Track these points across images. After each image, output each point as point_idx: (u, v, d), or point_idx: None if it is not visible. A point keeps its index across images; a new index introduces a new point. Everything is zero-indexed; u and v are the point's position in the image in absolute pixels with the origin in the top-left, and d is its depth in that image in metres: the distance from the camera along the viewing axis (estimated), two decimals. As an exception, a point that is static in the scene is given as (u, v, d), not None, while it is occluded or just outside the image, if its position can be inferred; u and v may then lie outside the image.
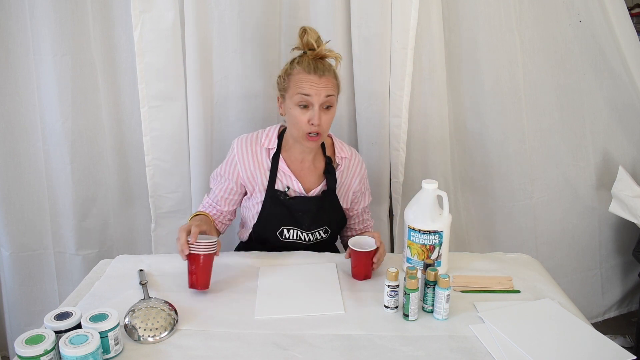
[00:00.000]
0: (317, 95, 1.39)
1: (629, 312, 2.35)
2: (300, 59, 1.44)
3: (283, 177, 1.51)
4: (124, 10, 1.72)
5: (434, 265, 1.24)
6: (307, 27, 1.44)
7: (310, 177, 1.54)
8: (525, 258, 1.50)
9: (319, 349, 1.08)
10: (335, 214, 1.57)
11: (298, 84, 1.40)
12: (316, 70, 1.40)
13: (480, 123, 1.99)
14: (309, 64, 1.41)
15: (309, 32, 1.43)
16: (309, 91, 1.39)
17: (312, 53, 1.43)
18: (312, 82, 1.39)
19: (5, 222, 1.87)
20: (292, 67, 1.44)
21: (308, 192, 1.53)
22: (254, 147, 1.51)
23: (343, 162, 1.57)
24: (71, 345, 0.95)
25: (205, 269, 1.26)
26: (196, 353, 1.07)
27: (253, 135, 1.53)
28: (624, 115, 2.08)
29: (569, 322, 1.16)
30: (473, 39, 1.89)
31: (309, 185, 1.53)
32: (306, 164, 1.53)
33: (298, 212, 1.51)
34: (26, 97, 1.79)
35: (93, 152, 1.86)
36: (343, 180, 1.58)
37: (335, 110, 1.46)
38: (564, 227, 2.16)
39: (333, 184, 1.54)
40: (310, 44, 1.43)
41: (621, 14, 1.92)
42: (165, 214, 1.90)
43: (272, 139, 1.52)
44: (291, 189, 1.51)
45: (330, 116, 1.44)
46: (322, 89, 1.39)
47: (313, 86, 1.39)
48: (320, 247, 1.57)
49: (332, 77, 1.43)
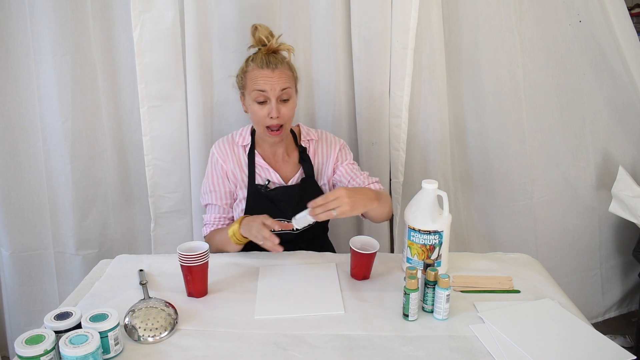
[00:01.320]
0: (272, 89, 1.43)
1: (629, 312, 2.35)
2: (255, 55, 1.48)
3: (261, 171, 1.55)
4: (124, 10, 1.72)
5: (434, 265, 1.24)
6: (258, 24, 1.48)
7: (287, 168, 1.58)
8: (525, 258, 1.50)
9: (319, 349, 1.08)
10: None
11: (253, 80, 1.44)
12: (269, 64, 1.43)
13: (480, 123, 1.99)
14: (261, 59, 1.44)
15: (259, 29, 1.47)
16: (264, 86, 1.43)
17: (264, 48, 1.47)
18: (266, 76, 1.43)
19: (5, 222, 1.87)
20: (247, 64, 1.48)
21: (287, 182, 1.56)
22: (231, 146, 1.57)
23: (311, 144, 1.60)
24: (71, 345, 0.95)
25: (200, 279, 1.26)
26: (196, 353, 1.07)
27: (228, 137, 1.59)
28: (624, 115, 2.08)
29: (569, 322, 1.16)
30: (473, 39, 1.89)
31: (287, 174, 1.57)
32: (280, 156, 1.57)
33: (281, 202, 1.53)
34: (26, 97, 1.79)
35: (93, 152, 1.86)
36: (319, 161, 1.60)
37: (294, 102, 1.50)
38: (564, 227, 2.16)
39: (310, 170, 1.57)
40: (262, 40, 1.47)
41: (621, 14, 1.92)
42: (164, 214, 1.90)
43: (246, 136, 1.57)
44: (271, 182, 1.54)
45: (290, 107, 1.47)
46: (276, 82, 1.43)
47: (267, 81, 1.42)
48: (310, 237, 1.57)
49: (286, 69, 1.46)
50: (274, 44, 1.47)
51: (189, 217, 1.92)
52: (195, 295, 1.27)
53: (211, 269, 1.29)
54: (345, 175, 1.60)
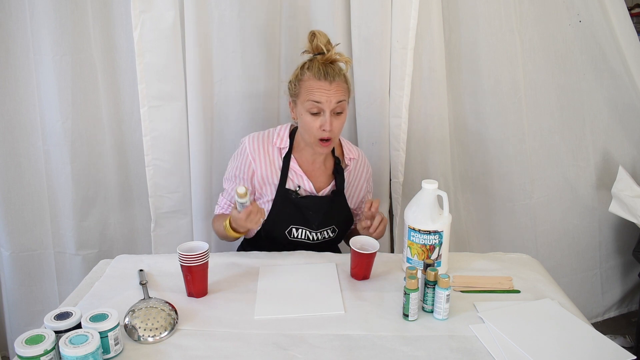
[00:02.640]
0: (328, 102, 1.39)
1: (629, 312, 2.35)
2: (310, 63, 1.43)
3: (294, 177, 1.52)
4: (124, 10, 1.72)
5: (434, 265, 1.24)
6: (317, 31, 1.43)
7: (321, 177, 1.55)
8: (525, 258, 1.50)
9: (319, 349, 1.08)
10: (343, 214, 1.58)
11: (309, 91, 1.40)
12: (326, 76, 1.39)
13: (480, 123, 1.99)
14: (319, 69, 1.40)
15: (318, 36, 1.42)
16: (320, 98, 1.39)
17: (321, 57, 1.42)
18: (322, 88, 1.39)
19: (5, 222, 1.87)
20: (303, 72, 1.43)
21: (319, 192, 1.54)
22: (265, 145, 1.53)
23: (351, 163, 1.59)
24: (71, 345, 0.95)
25: (200, 279, 1.26)
26: (196, 353, 1.07)
27: (264, 134, 1.54)
28: (624, 115, 2.09)
29: (569, 322, 1.16)
30: (473, 39, 1.89)
31: (320, 185, 1.55)
32: (317, 165, 1.55)
33: (309, 211, 1.51)
34: (26, 97, 1.79)
35: (93, 152, 1.86)
36: (351, 181, 1.59)
37: (346, 115, 1.46)
38: (564, 227, 2.16)
39: (341, 185, 1.55)
40: (320, 48, 1.42)
41: (621, 14, 1.92)
42: (165, 214, 1.89)
43: (284, 138, 1.53)
44: (302, 188, 1.52)
45: (342, 121, 1.45)
46: (333, 95, 1.39)
47: (324, 93, 1.39)
48: (324, 247, 1.57)
49: (343, 82, 1.43)
50: (333, 54, 1.43)
51: (189, 217, 1.92)
52: (195, 295, 1.27)
53: (211, 269, 1.29)
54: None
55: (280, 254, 1.50)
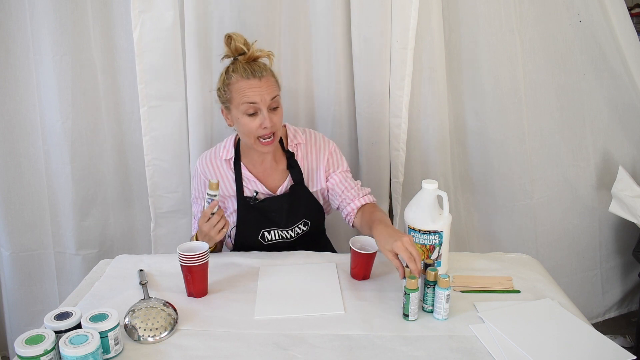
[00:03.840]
0: (263, 100, 1.38)
1: (629, 312, 2.35)
2: (234, 66, 1.41)
3: (248, 183, 1.53)
4: (124, 10, 1.72)
5: (434, 265, 1.24)
6: (232, 33, 1.42)
7: (275, 176, 1.55)
8: (525, 258, 1.49)
9: (319, 349, 1.08)
10: (310, 205, 1.56)
11: (240, 93, 1.38)
12: (254, 73, 1.38)
13: (480, 123, 1.99)
14: (245, 69, 1.39)
15: (234, 38, 1.41)
16: (254, 98, 1.38)
17: (243, 57, 1.41)
18: (254, 87, 1.37)
19: (5, 222, 1.87)
20: (229, 76, 1.41)
21: (275, 191, 1.54)
22: (214, 161, 1.54)
23: (299, 149, 1.55)
24: (71, 345, 0.95)
25: (200, 279, 1.27)
26: (196, 353, 1.07)
27: (212, 151, 1.56)
28: (624, 115, 2.08)
29: (569, 322, 1.16)
30: (473, 39, 1.89)
31: (275, 184, 1.54)
32: (268, 164, 1.54)
33: (271, 213, 1.51)
34: (26, 97, 1.79)
35: (93, 152, 1.86)
36: (308, 166, 1.55)
37: (282, 108, 1.45)
38: (564, 227, 2.16)
39: (299, 176, 1.53)
40: (240, 48, 1.41)
41: (621, 14, 1.92)
42: (164, 213, 1.90)
43: (229, 149, 1.54)
44: (259, 192, 1.52)
45: (279, 115, 1.43)
46: (266, 91, 1.38)
47: (256, 91, 1.37)
48: (307, 240, 1.56)
49: (271, 76, 1.42)
50: (255, 51, 1.41)
51: (189, 217, 1.92)
52: (195, 295, 1.27)
53: (211, 269, 1.29)
54: (339, 185, 1.54)
55: (280, 253, 1.50)
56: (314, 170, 1.56)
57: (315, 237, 1.63)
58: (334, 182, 1.55)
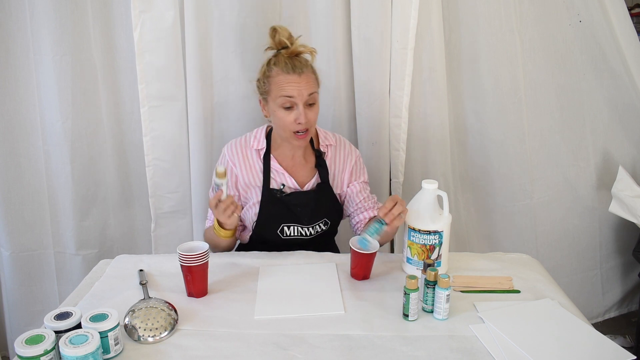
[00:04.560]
0: (300, 95, 1.39)
1: (629, 312, 2.35)
2: (276, 59, 1.43)
3: (276, 176, 1.52)
4: (124, 10, 1.73)
5: (434, 265, 1.24)
6: (277, 26, 1.44)
7: (303, 172, 1.55)
8: (525, 258, 1.50)
9: (319, 349, 1.08)
10: (332, 205, 1.57)
11: (279, 86, 1.40)
12: (294, 69, 1.39)
13: (480, 123, 1.99)
14: (286, 63, 1.40)
15: (279, 31, 1.43)
16: (292, 92, 1.39)
17: (286, 51, 1.43)
18: (292, 82, 1.39)
19: (5, 222, 1.87)
20: (270, 68, 1.43)
21: (303, 187, 1.54)
22: (244, 150, 1.54)
23: (329, 150, 1.57)
24: (71, 345, 0.95)
25: (200, 279, 1.27)
26: (196, 353, 1.07)
27: (242, 139, 1.56)
28: (624, 115, 2.08)
29: (569, 322, 1.16)
30: (473, 39, 1.89)
31: (303, 179, 1.55)
32: (297, 160, 1.54)
33: (297, 208, 1.51)
34: (26, 97, 1.79)
35: (93, 152, 1.86)
36: (335, 168, 1.58)
37: (318, 105, 1.47)
38: (564, 227, 2.16)
39: (326, 176, 1.55)
40: (283, 42, 1.42)
41: (621, 14, 1.92)
42: (165, 214, 1.90)
43: (261, 139, 1.54)
44: (286, 186, 1.52)
45: (315, 111, 1.45)
46: (304, 87, 1.40)
47: (295, 86, 1.39)
48: (320, 241, 1.57)
49: (311, 73, 1.43)
50: (297, 46, 1.43)
51: (189, 217, 1.92)
52: (195, 295, 1.27)
53: (211, 269, 1.29)
54: (358, 195, 1.58)
55: (280, 253, 1.50)
56: (338, 173, 1.58)
57: (329, 238, 1.65)
58: (354, 191, 1.59)
